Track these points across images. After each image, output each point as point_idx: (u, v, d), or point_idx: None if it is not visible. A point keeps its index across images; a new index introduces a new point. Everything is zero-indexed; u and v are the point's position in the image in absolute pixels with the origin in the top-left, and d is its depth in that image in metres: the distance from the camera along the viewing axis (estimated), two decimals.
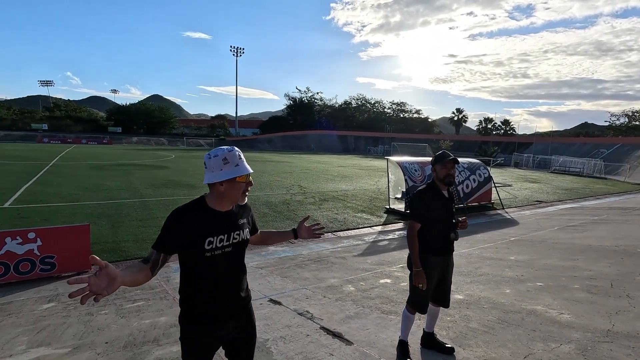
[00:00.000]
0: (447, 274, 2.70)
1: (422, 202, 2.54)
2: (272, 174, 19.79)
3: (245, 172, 1.61)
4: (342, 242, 7.38)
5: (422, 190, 2.64)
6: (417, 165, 11.36)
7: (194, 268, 1.63)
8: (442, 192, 2.61)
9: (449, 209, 2.59)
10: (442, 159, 2.56)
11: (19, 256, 5.01)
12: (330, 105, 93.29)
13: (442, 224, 2.55)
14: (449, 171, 2.55)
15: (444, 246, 2.60)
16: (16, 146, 38.56)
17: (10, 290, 4.54)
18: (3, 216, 8.21)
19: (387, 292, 4.20)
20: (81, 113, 75.79)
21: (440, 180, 2.58)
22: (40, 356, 2.72)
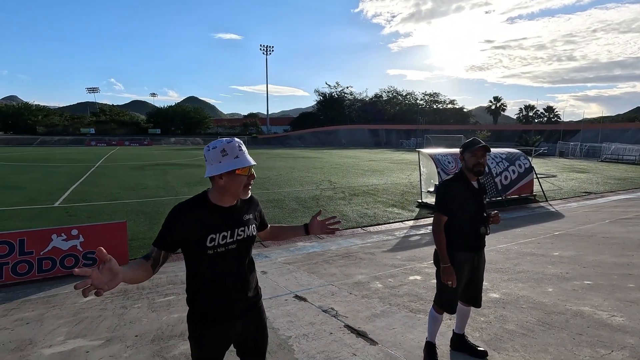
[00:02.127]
0: (479, 271, 2.49)
1: (449, 193, 2.37)
2: (302, 170, 19.87)
3: (245, 164, 1.52)
4: (371, 237, 7.22)
5: (449, 180, 2.46)
6: (450, 157, 10.89)
7: (197, 266, 1.58)
8: (472, 182, 2.41)
9: (479, 201, 2.39)
10: (471, 146, 2.37)
11: (64, 252, 5.33)
12: (360, 99, 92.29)
13: (471, 217, 2.36)
14: (479, 159, 2.35)
15: (474, 241, 2.39)
16: (67, 149, 41.61)
17: (56, 284, 4.84)
18: (54, 214, 8.82)
19: (416, 289, 4.02)
20: (124, 117, 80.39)
21: (470, 170, 2.38)
22: (76, 347, 2.85)
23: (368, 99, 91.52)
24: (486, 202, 2.47)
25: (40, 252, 5.19)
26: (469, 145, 2.41)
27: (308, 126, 78.76)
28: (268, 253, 6.16)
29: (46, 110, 72.90)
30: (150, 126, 74.41)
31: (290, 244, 6.76)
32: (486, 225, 2.40)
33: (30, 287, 4.75)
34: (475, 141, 2.41)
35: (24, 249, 5.12)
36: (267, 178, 15.90)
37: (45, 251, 5.23)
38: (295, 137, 74.19)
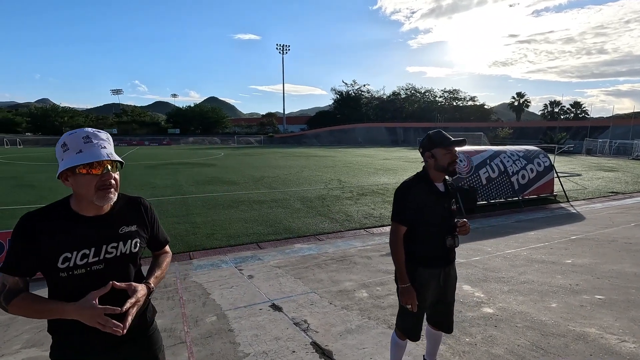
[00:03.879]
0: (447, 291, 2.11)
1: (407, 198, 1.99)
2: (313, 168, 19.62)
3: (88, 160, 1.20)
4: (373, 239, 6.88)
5: (408, 181, 2.05)
6: (462, 155, 10.37)
7: (54, 289, 1.31)
8: (436, 184, 2.05)
9: (445, 207, 2.02)
10: (445, 142, 1.98)
11: None
12: (377, 97, 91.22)
13: (435, 226, 1.99)
14: (455, 157, 1.99)
15: (440, 255, 2.02)
16: None
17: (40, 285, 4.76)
18: None
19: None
20: (145, 117, 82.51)
21: (443, 169, 2.01)
22: (26, 358, 2.70)
23: (386, 97, 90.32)
24: (455, 207, 2.09)
25: None
26: (441, 141, 2.02)
27: (324, 125, 78.49)
28: (262, 255, 5.94)
29: (72, 112, 75.77)
30: (170, 126, 76.06)
31: (287, 245, 6.53)
32: (454, 236, 2.02)
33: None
34: (446, 135, 2.03)
35: None
36: (276, 177, 15.74)
37: None
38: (311, 135, 74.04)
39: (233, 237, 6.96)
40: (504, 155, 11.02)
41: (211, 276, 4.89)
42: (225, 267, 5.32)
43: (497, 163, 10.71)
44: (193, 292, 4.19)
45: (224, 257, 5.86)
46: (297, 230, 7.43)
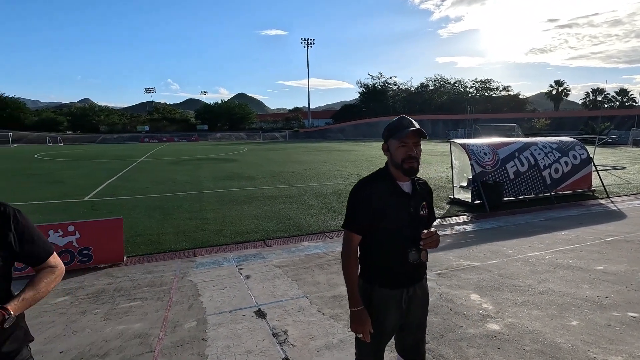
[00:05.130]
0: (411, 315, 1.71)
1: (363, 200, 1.62)
2: (334, 163, 19.29)
3: None
4: None
5: (365, 180, 1.68)
6: (487, 147, 9.70)
7: None
8: (399, 183, 1.65)
9: (410, 212, 1.62)
10: (399, 131, 1.59)
11: (60, 247, 5.31)
12: (404, 89, 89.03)
13: (396, 236, 1.61)
14: (411, 151, 1.58)
15: (401, 271, 1.63)
16: (122, 146, 44.87)
17: None
18: (80, 208, 9.18)
19: None
20: (175, 114, 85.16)
21: (397, 167, 1.62)
22: None
23: (413, 89, 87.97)
24: (425, 212, 1.70)
25: None
26: (394, 129, 1.62)
27: (350, 119, 77.64)
28: (267, 253, 5.74)
29: (108, 111, 79.60)
30: (199, 123, 78.08)
31: (294, 243, 6.30)
32: (418, 249, 1.60)
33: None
34: (404, 122, 1.62)
35: None
36: (294, 172, 15.56)
37: None
38: (336, 130, 73.54)
39: (241, 233, 6.81)
40: (535, 148, 10.19)
41: (208, 275, 4.74)
42: (225, 266, 5.16)
43: (527, 156, 9.92)
44: (184, 293, 4.05)
45: (228, 255, 5.71)
46: (307, 228, 7.18)
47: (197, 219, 7.92)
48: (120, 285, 4.50)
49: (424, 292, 1.76)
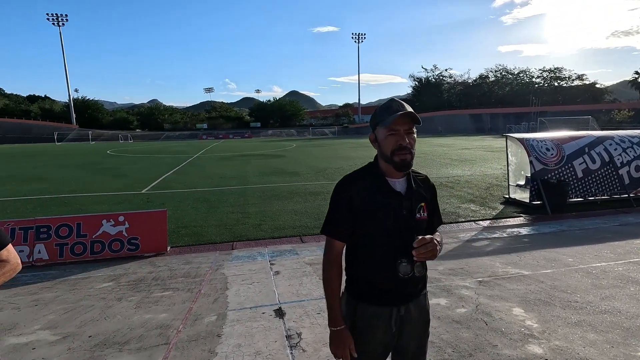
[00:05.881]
0: (404, 339, 1.44)
1: (344, 200, 1.39)
2: None
3: None
4: None
5: (350, 176, 1.44)
6: (550, 142, 8.70)
7: None
8: (390, 181, 1.39)
9: (402, 215, 1.35)
10: (385, 116, 1.34)
11: (112, 236, 5.73)
12: (461, 81, 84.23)
13: (384, 243, 1.35)
14: (401, 140, 1.32)
15: (390, 286, 1.37)
16: (181, 143, 48.09)
17: (96, 266, 5.19)
18: (137, 199, 9.91)
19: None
20: (230, 112, 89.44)
21: (386, 160, 1.37)
22: (32, 340, 2.84)
23: (471, 81, 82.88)
24: (423, 215, 1.41)
25: (93, 236, 5.67)
26: (381, 115, 1.36)
27: None
28: (301, 250, 5.68)
29: (171, 110, 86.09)
30: (252, 120, 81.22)
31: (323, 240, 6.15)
32: (411, 261, 1.31)
33: (78, 267, 5.18)
34: (392, 106, 1.35)
35: (80, 231, 5.65)
36: (339, 168, 15.41)
37: (97, 235, 5.68)
38: None
39: (279, 229, 6.83)
40: (610, 142, 8.92)
41: (241, 269, 4.78)
42: (259, 260, 5.18)
43: (600, 152, 8.72)
44: (214, 286, 4.10)
45: (263, 250, 5.74)
46: None
47: (239, 212, 8.11)
48: (159, 275, 4.70)
49: (423, 312, 1.48)
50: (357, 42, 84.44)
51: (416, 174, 1.48)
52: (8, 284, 4.52)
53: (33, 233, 5.49)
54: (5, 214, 8.05)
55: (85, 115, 71.87)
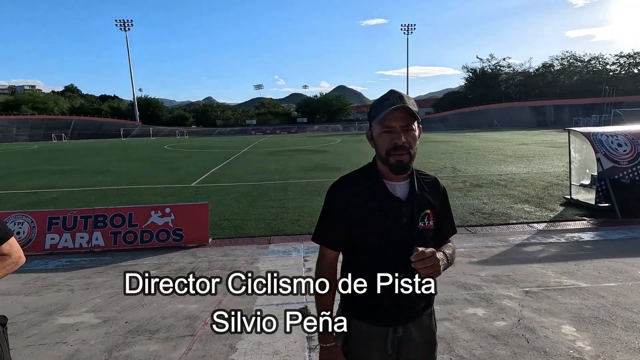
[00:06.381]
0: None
1: (336, 205, 1.27)
2: (427, 155, 18.05)
3: None
4: (471, 240, 5.72)
5: (343, 179, 1.31)
6: (623, 137, 7.71)
7: None
8: (389, 184, 1.24)
9: (402, 223, 1.20)
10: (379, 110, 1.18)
11: (159, 227, 6.09)
12: (521, 71, 78.06)
13: (381, 256, 1.21)
14: (397, 138, 1.16)
15: (385, 303, 1.22)
16: (231, 138, 50.14)
17: (145, 254, 5.55)
18: (187, 192, 10.47)
19: (457, 331, 2.74)
20: (278, 108, 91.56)
21: (383, 160, 1.22)
22: (77, 322, 3.07)
23: (532, 71, 76.46)
24: (428, 224, 1.23)
25: (142, 226, 6.06)
26: (375, 109, 1.21)
27: (453, 107, 71.87)
28: None
29: (223, 107, 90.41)
30: (299, 115, 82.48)
31: None
32: (410, 273, 1.13)
33: (129, 254, 5.58)
34: (389, 98, 1.17)
35: (131, 221, 6.08)
36: None
37: (146, 225, 6.07)
38: (436, 119, 69.01)
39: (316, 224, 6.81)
40: None
41: (275, 264, 4.82)
42: (293, 256, 5.20)
43: None
44: None
45: (299, 245, 5.75)
46: None
47: (279, 207, 8.22)
48: (198, 265, 4.90)
49: (427, 333, 1.31)
50: (407, 33, 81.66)
51: (423, 176, 1.31)
52: (70, 266, 5.00)
53: (91, 221, 6.00)
54: (73, 203, 8.93)
55: (148, 112, 77.85)
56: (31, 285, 4.21)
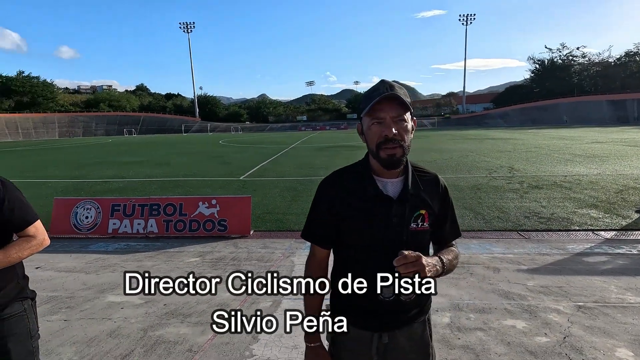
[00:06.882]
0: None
1: (324, 202, 1.22)
2: (482, 153, 16.99)
3: None
4: (524, 246, 5.28)
5: (334, 174, 1.26)
6: None
7: None
8: (380, 181, 1.16)
9: (391, 223, 1.12)
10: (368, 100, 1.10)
11: (205, 217, 6.44)
12: (599, 61, 70.01)
13: (367, 258, 1.14)
14: (386, 129, 1.07)
15: (371, 309, 1.16)
16: (282, 134, 51.43)
17: (192, 242, 5.90)
18: (234, 185, 10.96)
19: (490, 344, 2.50)
20: (329, 104, 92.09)
21: (373, 155, 1.15)
22: (124, 300, 3.35)
23: (613, 61, 68.20)
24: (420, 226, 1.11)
25: (191, 215, 6.46)
26: (365, 100, 1.12)
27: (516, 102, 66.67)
28: None
29: (275, 104, 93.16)
30: (349, 112, 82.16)
31: None
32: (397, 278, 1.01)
33: (178, 241, 5.97)
34: (378, 88, 1.09)
35: (181, 211, 6.50)
36: (431, 162, 14.46)
37: (194, 215, 6.45)
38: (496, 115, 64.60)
39: None
40: None
41: None
42: None
43: None
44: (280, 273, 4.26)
45: None
46: None
47: None
48: (238, 256, 5.10)
49: (419, 344, 1.20)
50: (465, 24, 77.20)
51: (421, 173, 1.21)
52: (126, 250, 5.49)
53: (147, 209, 6.51)
54: (135, 192, 9.78)
55: (206, 109, 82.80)
56: (92, 264, 4.69)
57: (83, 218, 6.45)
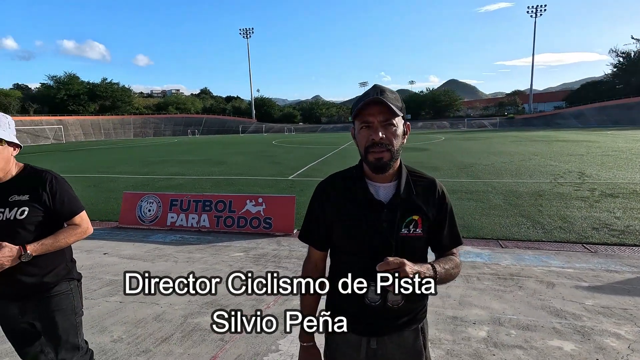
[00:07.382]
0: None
1: (317, 205, 1.25)
2: (547, 156, 15.58)
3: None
4: (588, 261, 4.78)
5: (329, 178, 1.28)
6: None
7: None
8: (372, 186, 1.16)
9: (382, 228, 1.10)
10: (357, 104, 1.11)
11: (252, 214, 6.75)
12: None
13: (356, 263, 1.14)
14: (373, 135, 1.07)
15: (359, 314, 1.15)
16: (333, 135, 51.66)
17: (239, 238, 6.22)
18: (283, 184, 11.30)
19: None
20: None
21: (363, 158, 1.16)
22: None
23: None
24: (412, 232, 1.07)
25: (239, 212, 6.81)
26: (355, 104, 1.13)
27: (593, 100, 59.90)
28: None
29: (328, 104, 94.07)
30: None
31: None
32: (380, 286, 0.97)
33: (226, 236, 6.32)
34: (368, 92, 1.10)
35: (231, 207, 6.88)
36: (488, 165, 13.59)
37: (242, 212, 6.80)
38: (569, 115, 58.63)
39: None
40: None
41: None
42: None
43: None
44: None
45: None
46: (478, 230, 6.18)
47: None
48: (279, 253, 5.27)
49: (410, 353, 1.17)
50: (534, 16, 71.07)
51: (416, 178, 1.18)
52: (180, 242, 5.93)
53: (201, 205, 6.98)
54: (192, 189, 10.53)
55: (262, 111, 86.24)
56: (150, 253, 5.16)
57: (146, 211, 7.10)
